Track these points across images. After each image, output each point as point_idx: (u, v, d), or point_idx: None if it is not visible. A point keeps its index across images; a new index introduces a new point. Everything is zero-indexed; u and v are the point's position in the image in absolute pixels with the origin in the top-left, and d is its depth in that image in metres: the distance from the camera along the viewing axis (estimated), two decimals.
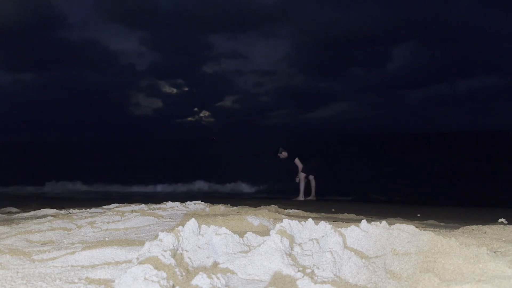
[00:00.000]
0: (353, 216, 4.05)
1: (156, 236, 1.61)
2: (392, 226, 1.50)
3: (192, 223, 1.47)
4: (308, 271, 1.26)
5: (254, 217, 2.44)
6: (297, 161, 8.29)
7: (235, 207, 3.71)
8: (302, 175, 8.18)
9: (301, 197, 8.26)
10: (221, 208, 3.46)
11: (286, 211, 3.95)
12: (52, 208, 3.85)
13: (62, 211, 3.61)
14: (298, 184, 8.30)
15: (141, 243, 1.86)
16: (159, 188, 11.51)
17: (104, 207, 3.68)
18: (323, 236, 1.48)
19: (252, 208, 3.73)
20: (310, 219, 1.61)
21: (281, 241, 1.34)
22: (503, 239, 1.93)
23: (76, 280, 1.24)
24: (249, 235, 1.53)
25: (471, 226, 2.60)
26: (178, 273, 1.13)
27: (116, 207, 3.61)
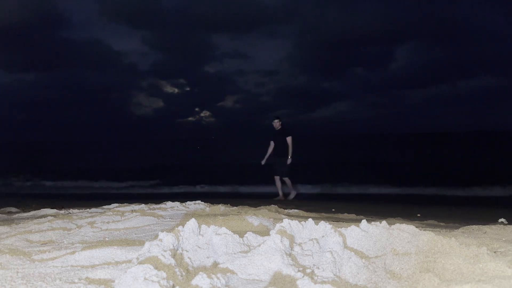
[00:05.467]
0: (353, 216, 4.05)
1: (156, 236, 1.61)
2: (392, 226, 1.50)
3: (192, 223, 1.47)
4: (308, 271, 1.26)
5: (254, 217, 2.44)
6: (289, 139, 7.69)
7: (235, 207, 3.71)
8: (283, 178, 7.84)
9: (281, 196, 7.84)
10: (221, 208, 3.45)
11: (286, 211, 3.94)
12: (52, 208, 3.85)
13: (62, 211, 3.61)
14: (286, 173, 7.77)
15: (141, 243, 1.86)
16: (159, 187, 11.52)
17: (104, 207, 3.68)
18: (323, 236, 1.48)
19: (252, 208, 3.72)
20: (310, 219, 1.61)
21: (281, 241, 1.34)
22: (503, 239, 1.92)
23: (76, 280, 1.24)
24: (249, 235, 1.53)
25: (471, 226, 2.60)
26: (178, 273, 1.13)
27: (116, 207, 3.61)
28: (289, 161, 7.69)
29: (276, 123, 7.81)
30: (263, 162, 7.99)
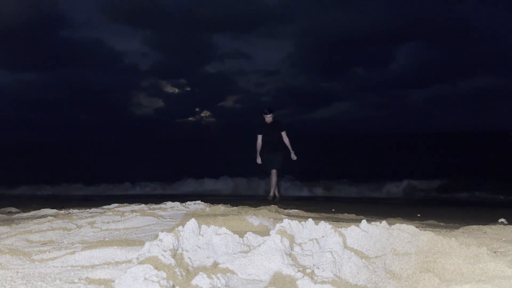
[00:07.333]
0: (353, 216, 4.04)
1: (156, 236, 1.61)
2: (392, 226, 1.50)
3: (192, 223, 1.47)
4: (308, 271, 1.26)
5: (254, 217, 2.44)
6: (285, 135, 7.18)
7: (235, 207, 3.71)
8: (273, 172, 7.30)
9: (271, 194, 7.38)
10: (221, 208, 3.45)
11: (286, 211, 3.94)
12: (52, 208, 3.85)
13: (62, 211, 3.61)
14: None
15: (141, 243, 1.86)
16: (159, 188, 11.50)
17: (104, 207, 3.68)
18: (323, 236, 1.48)
19: (252, 208, 3.72)
20: (310, 219, 1.61)
21: (281, 241, 1.34)
22: (503, 239, 1.92)
23: (76, 280, 1.24)
24: (249, 235, 1.53)
25: (471, 226, 2.59)
26: (178, 273, 1.13)
27: (116, 207, 3.61)
28: (293, 156, 7.25)
29: (269, 118, 7.19)
30: (259, 161, 7.44)
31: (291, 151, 7.27)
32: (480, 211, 5.75)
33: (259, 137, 7.35)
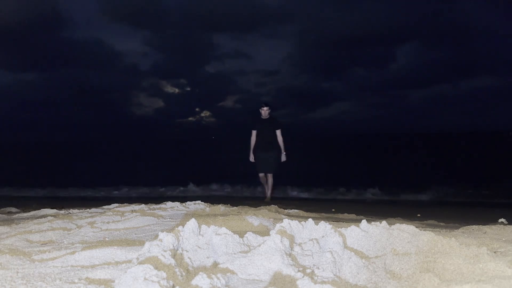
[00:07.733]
0: (353, 216, 4.04)
1: (156, 236, 1.61)
2: (392, 226, 1.51)
3: (192, 223, 1.47)
4: (308, 271, 1.26)
5: (254, 217, 2.44)
6: (279, 133, 6.84)
7: (235, 207, 3.71)
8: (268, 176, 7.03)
9: (268, 196, 7.10)
10: (221, 208, 3.45)
11: (286, 211, 3.94)
12: (52, 208, 3.85)
13: (62, 211, 3.61)
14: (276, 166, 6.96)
15: (141, 243, 1.86)
16: (159, 188, 11.50)
17: (104, 207, 3.68)
18: (323, 236, 1.48)
19: (252, 208, 3.72)
20: (310, 219, 1.62)
21: (281, 241, 1.34)
22: (503, 239, 1.92)
23: (76, 280, 1.24)
24: (249, 235, 1.53)
25: (471, 226, 2.59)
26: (178, 273, 1.13)
27: (116, 207, 3.61)
28: (283, 157, 6.90)
29: (265, 111, 6.85)
30: (252, 159, 7.02)
31: (282, 151, 6.95)
32: (480, 211, 5.75)
33: (253, 133, 7.02)
